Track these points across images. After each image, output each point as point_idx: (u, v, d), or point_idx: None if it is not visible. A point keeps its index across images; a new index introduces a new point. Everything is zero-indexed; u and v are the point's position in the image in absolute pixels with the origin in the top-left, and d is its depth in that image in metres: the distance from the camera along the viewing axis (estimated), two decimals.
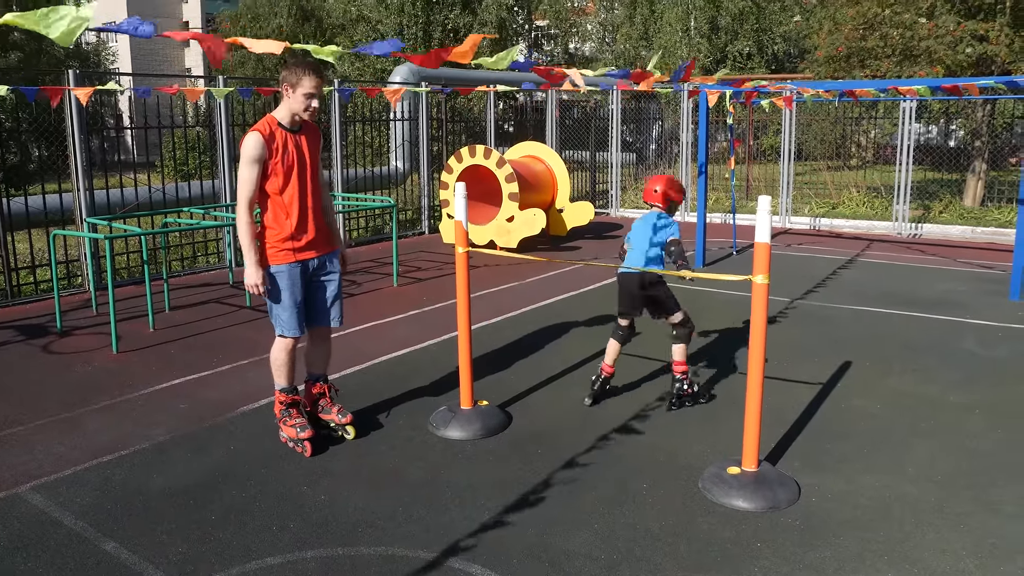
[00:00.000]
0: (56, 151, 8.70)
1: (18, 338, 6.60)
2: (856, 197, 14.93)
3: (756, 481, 3.76)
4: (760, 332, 3.67)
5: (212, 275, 9.17)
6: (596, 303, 7.62)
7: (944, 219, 12.98)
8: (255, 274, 4.11)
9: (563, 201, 11.58)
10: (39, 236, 8.57)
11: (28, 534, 3.45)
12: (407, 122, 12.62)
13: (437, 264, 9.73)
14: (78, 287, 8.47)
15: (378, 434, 4.54)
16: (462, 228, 4.45)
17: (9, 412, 4.90)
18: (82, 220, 8.12)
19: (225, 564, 3.21)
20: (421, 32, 24.95)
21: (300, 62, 4.08)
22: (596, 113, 15.77)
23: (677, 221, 4.96)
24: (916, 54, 12.70)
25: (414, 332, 6.64)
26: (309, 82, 4.03)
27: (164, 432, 4.56)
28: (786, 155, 12.98)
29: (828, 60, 14.07)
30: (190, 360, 5.92)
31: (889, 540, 3.39)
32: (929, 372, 5.57)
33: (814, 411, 4.86)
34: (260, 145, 4.03)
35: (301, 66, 4.04)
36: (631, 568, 3.18)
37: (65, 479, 3.97)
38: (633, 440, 4.44)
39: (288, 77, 4.06)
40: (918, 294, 7.96)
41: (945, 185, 15.14)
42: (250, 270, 4.12)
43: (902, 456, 4.22)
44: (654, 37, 25.16)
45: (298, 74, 4.03)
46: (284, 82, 4.08)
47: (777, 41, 24.82)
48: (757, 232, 3.55)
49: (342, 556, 3.27)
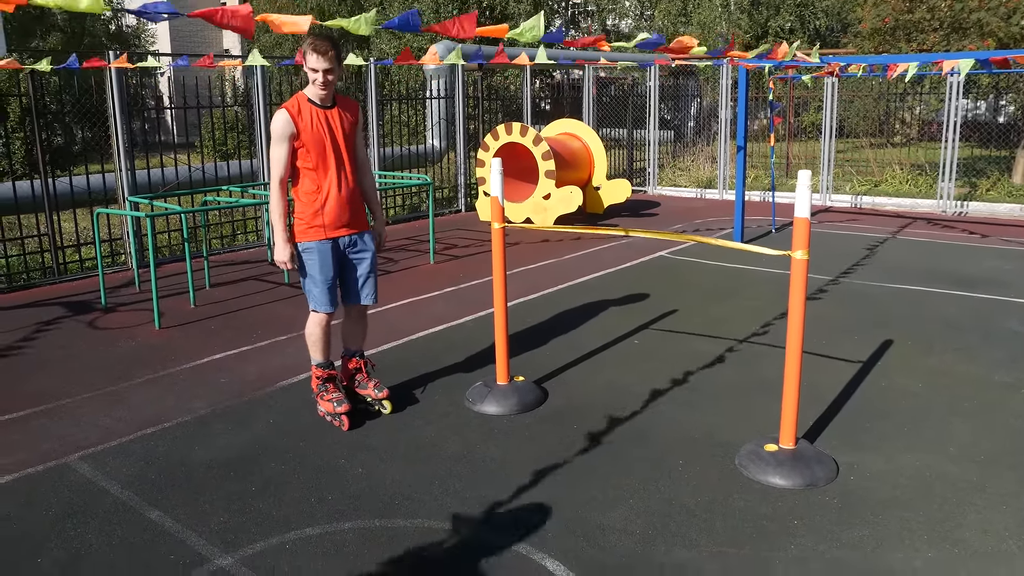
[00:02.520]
0: (99, 132, 8.85)
1: (65, 314, 6.76)
2: (899, 175, 14.61)
3: (793, 458, 3.73)
4: (799, 309, 3.62)
5: (251, 253, 9.29)
6: (633, 281, 7.58)
7: (991, 197, 12.65)
8: (283, 251, 4.16)
9: (600, 179, 11.51)
10: (83, 215, 8.74)
11: (77, 502, 3.55)
12: (443, 100, 12.61)
13: (474, 242, 9.74)
14: (121, 264, 8.63)
15: (414, 409, 4.58)
16: (498, 204, 4.45)
17: (57, 385, 5.02)
18: (124, 199, 8.26)
19: (265, 534, 3.28)
20: (457, 10, 24.85)
21: (310, 35, 4.09)
22: (633, 90, 15.61)
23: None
24: (966, 27, 12.35)
25: (450, 309, 6.66)
26: (310, 58, 4.02)
27: (205, 405, 4.65)
28: (828, 132, 12.74)
29: (872, 33, 13.75)
30: (230, 336, 6.01)
31: (929, 520, 3.34)
32: (972, 351, 5.46)
33: (853, 389, 4.79)
34: (287, 122, 4.05)
35: (308, 42, 4.05)
36: (666, 543, 3.18)
37: (111, 450, 4.07)
38: (669, 417, 4.42)
39: (303, 52, 4.09)
40: (962, 272, 7.79)
41: (993, 162, 14.75)
42: (279, 247, 4.16)
43: (943, 435, 4.15)
44: (693, 13, 24.78)
45: (304, 47, 4.06)
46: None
47: (819, 15, 24.30)
48: (797, 207, 3.50)
49: (379, 528, 3.31)
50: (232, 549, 3.16)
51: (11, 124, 13.51)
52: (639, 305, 6.72)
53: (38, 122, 7.85)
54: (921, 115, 17.67)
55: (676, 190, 14.66)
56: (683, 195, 14.32)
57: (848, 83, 15.77)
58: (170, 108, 9.93)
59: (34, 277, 8.05)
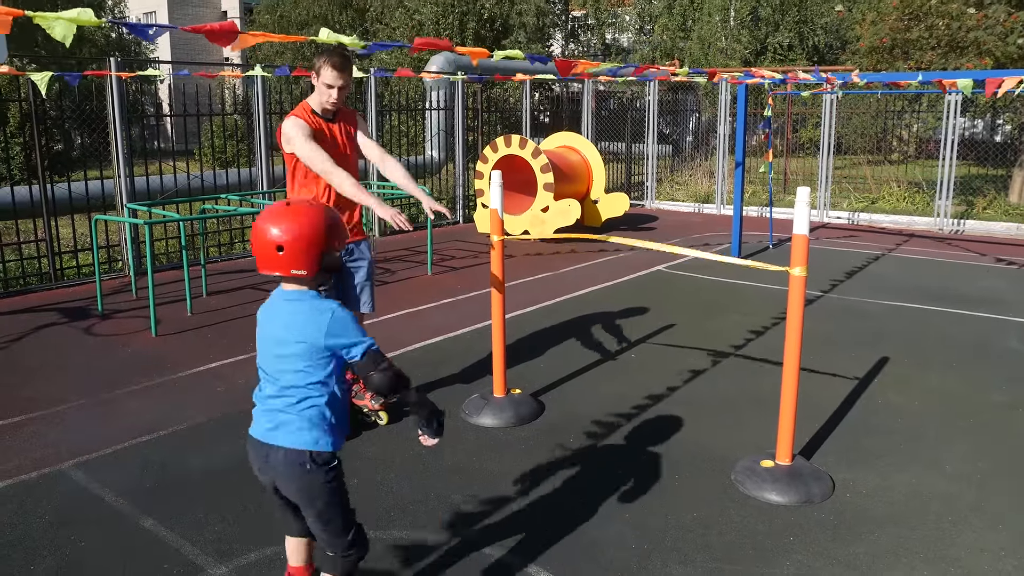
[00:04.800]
0: (98, 139, 8.85)
1: (61, 320, 6.74)
2: (897, 192, 14.66)
3: (789, 474, 3.73)
4: (797, 325, 3.63)
5: (248, 261, 9.27)
6: (630, 294, 7.59)
7: (988, 215, 12.69)
8: (387, 208, 3.99)
9: (598, 192, 11.54)
10: (81, 221, 8.73)
11: (71, 509, 3.53)
12: (443, 111, 12.64)
13: (471, 253, 9.75)
14: (118, 271, 8.62)
15: (411, 420, 4.56)
16: (497, 216, 4.45)
17: (52, 391, 5.01)
18: (123, 206, 8.26)
19: (260, 544, 3.26)
20: (458, 21, 24.94)
21: (328, 50, 4.09)
22: (632, 104, 15.66)
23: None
24: (963, 45, 12.41)
25: (448, 320, 6.66)
26: (328, 73, 4.01)
27: (201, 414, 4.63)
28: (825, 148, 12.79)
29: (870, 51, 13.81)
30: (227, 344, 6.00)
31: (925, 538, 3.34)
32: (969, 370, 5.47)
33: (850, 406, 4.80)
34: (304, 124, 4.05)
35: (325, 54, 4.03)
36: (662, 557, 3.18)
37: (106, 457, 4.06)
38: (666, 432, 4.42)
39: (315, 64, 4.07)
40: (959, 291, 7.81)
41: (990, 181, 14.80)
42: (380, 208, 3.96)
43: (940, 454, 4.15)
44: (693, 27, 24.88)
45: (321, 62, 4.03)
46: (313, 69, 4.10)
47: (818, 32, 24.42)
48: (795, 224, 3.50)
49: (375, 539, 3.29)
50: (226, 559, 3.15)
51: (10, 129, 13.51)
52: (636, 319, 6.73)
53: (37, 127, 7.85)
54: (918, 133, 17.74)
55: (674, 204, 14.69)
56: (681, 209, 14.35)
57: (846, 100, 15.84)
58: (170, 115, 9.94)
59: (31, 282, 8.04)
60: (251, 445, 2.45)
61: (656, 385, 5.12)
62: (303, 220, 2.29)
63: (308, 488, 2.40)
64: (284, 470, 2.38)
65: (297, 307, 2.35)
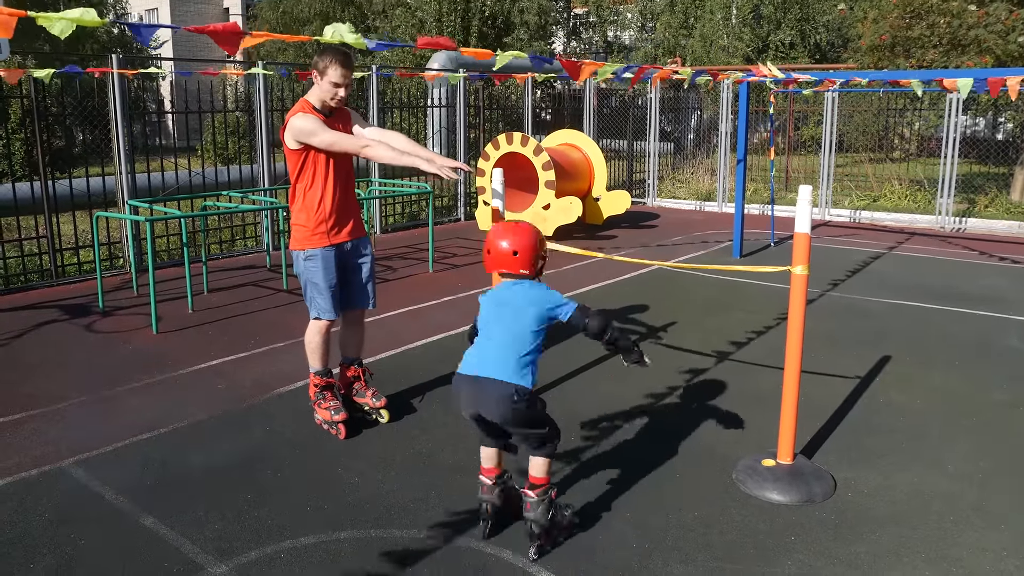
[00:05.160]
0: (99, 135, 8.84)
1: (62, 317, 6.74)
2: (898, 190, 14.64)
3: (791, 474, 3.72)
4: (798, 324, 3.62)
5: (250, 258, 9.28)
6: (631, 293, 7.58)
7: (990, 214, 12.67)
8: (438, 158, 4.02)
9: (600, 190, 11.53)
10: (83, 218, 8.73)
11: (71, 507, 3.53)
12: (444, 109, 12.63)
13: (472, 251, 9.74)
14: (119, 268, 8.61)
15: (412, 418, 4.57)
16: (498, 214, 4.44)
17: (53, 388, 5.01)
18: (124, 203, 8.26)
19: (260, 542, 3.26)
20: (459, 19, 24.90)
21: (332, 49, 4.08)
22: (634, 102, 15.64)
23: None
24: (964, 43, 12.38)
25: (449, 318, 6.66)
26: (335, 72, 4.01)
27: (201, 411, 4.63)
28: (827, 146, 12.77)
29: (871, 49, 13.78)
30: (228, 342, 6.00)
31: (927, 537, 3.33)
32: (971, 368, 5.46)
33: (851, 405, 4.79)
34: (313, 116, 4.06)
35: (330, 54, 4.03)
36: (663, 557, 3.17)
37: (106, 455, 4.05)
38: (666, 431, 4.41)
39: (318, 63, 4.06)
40: (961, 289, 7.80)
41: (992, 179, 14.78)
42: (437, 159, 4.01)
43: (942, 453, 4.15)
44: (695, 25, 24.84)
45: (326, 61, 4.02)
46: (315, 68, 4.09)
47: (820, 30, 24.38)
48: (797, 222, 3.50)
49: (374, 538, 3.30)
50: (227, 557, 3.15)
51: (11, 125, 13.49)
52: (637, 317, 6.72)
53: (39, 124, 7.84)
54: (920, 131, 17.71)
55: (675, 202, 14.68)
56: (682, 207, 14.33)
57: (848, 98, 15.82)
58: (171, 112, 9.93)
59: (32, 279, 8.03)
60: (465, 381, 3.16)
61: (657, 384, 5.11)
62: (529, 234, 3.15)
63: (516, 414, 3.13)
64: (497, 400, 3.08)
65: (530, 286, 3.16)
